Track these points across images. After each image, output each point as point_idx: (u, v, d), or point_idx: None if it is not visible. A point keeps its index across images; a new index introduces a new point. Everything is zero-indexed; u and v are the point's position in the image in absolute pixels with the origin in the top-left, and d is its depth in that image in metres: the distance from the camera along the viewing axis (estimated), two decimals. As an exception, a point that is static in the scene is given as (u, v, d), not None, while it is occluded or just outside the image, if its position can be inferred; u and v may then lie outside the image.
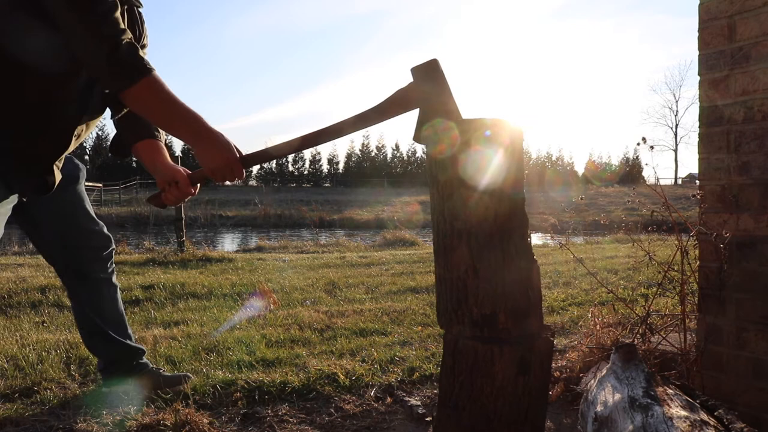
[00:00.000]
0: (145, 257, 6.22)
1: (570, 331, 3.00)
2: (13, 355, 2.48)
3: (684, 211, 2.88)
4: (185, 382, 2.12)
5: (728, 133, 1.74)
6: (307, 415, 1.96)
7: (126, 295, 3.99)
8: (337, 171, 55.55)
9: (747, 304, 1.71)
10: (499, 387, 1.19)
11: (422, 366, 2.38)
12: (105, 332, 2.05)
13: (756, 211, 1.68)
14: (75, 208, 1.98)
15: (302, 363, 2.41)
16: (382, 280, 4.78)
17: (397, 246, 9.62)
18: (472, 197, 1.20)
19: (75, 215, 1.98)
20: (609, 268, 5.13)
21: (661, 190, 1.96)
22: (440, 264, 1.27)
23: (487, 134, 1.21)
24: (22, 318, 3.33)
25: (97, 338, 2.06)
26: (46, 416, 1.88)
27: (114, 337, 2.05)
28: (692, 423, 1.23)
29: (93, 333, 2.06)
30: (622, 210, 18.19)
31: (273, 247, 9.89)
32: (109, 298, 2.08)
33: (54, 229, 1.94)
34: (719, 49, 1.76)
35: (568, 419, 1.92)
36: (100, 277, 2.05)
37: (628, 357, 1.61)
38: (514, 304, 1.20)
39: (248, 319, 3.27)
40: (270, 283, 4.44)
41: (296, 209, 23.78)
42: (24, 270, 5.11)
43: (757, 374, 1.69)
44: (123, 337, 2.09)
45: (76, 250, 2.00)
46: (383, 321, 3.22)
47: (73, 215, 1.98)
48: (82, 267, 2.02)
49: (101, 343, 2.06)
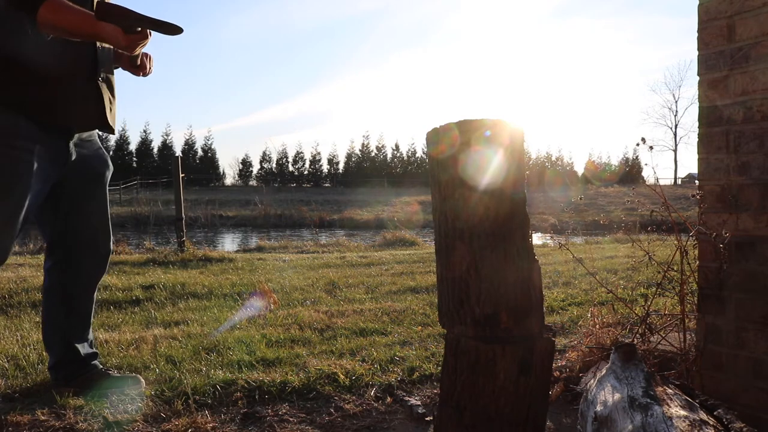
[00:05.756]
0: (146, 257, 6.22)
1: (570, 331, 3.00)
2: (14, 355, 2.49)
3: (683, 211, 2.89)
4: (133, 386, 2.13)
5: (728, 134, 1.75)
6: (307, 414, 1.96)
7: (126, 294, 3.99)
8: (337, 171, 55.54)
9: (746, 304, 1.71)
10: (501, 386, 1.19)
11: (422, 366, 2.38)
12: (64, 332, 2.10)
13: (755, 211, 1.68)
14: (99, 203, 2.13)
15: (302, 363, 2.41)
16: (382, 280, 4.78)
17: (397, 246, 9.62)
18: (472, 197, 1.20)
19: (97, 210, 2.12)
20: (608, 268, 5.13)
21: (661, 190, 1.97)
22: (442, 264, 1.28)
23: (488, 134, 1.21)
24: (23, 318, 3.33)
25: (57, 336, 2.11)
26: (46, 416, 1.88)
27: (70, 341, 2.11)
28: (692, 423, 1.24)
29: (56, 330, 2.11)
30: (622, 210, 18.20)
31: (273, 247, 9.88)
32: (86, 302, 2.15)
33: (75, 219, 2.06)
34: (719, 49, 1.76)
35: (568, 419, 1.92)
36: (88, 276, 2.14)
37: (627, 357, 1.61)
38: (516, 304, 1.21)
39: (248, 318, 3.27)
40: (270, 283, 4.44)
41: (296, 209, 23.78)
42: (24, 270, 5.11)
43: (756, 374, 1.70)
44: (80, 340, 2.14)
45: (82, 244, 2.09)
46: (383, 321, 3.22)
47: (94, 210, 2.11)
48: (79, 261, 2.09)
49: (59, 342, 2.11)
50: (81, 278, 2.11)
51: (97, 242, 2.13)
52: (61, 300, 2.09)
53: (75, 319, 2.12)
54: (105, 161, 2.16)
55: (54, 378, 2.12)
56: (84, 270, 2.11)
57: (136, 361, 2.43)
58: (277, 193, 35.81)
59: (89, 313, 2.17)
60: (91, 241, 2.11)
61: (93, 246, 2.12)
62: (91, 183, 2.10)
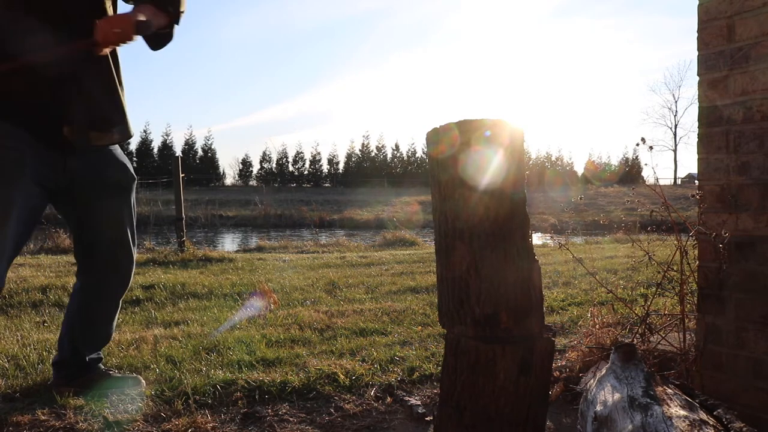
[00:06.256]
0: (146, 257, 6.22)
1: (569, 330, 3.01)
2: (14, 355, 2.49)
3: (683, 211, 2.89)
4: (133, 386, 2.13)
5: (727, 134, 1.75)
6: (307, 414, 1.96)
7: (126, 295, 3.96)
8: (337, 171, 55.51)
9: (746, 304, 1.71)
10: (501, 386, 1.19)
11: (422, 366, 2.38)
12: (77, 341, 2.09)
13: (755, 211, 1.68)
14: (126, 214, 2.04)
15: (302, 363, 2.42)
16: (382, 280, 4.78)
17: (397, 246, 9.62)
18: (472, 197, 1.21)
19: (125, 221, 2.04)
20: (608, 268, 5.13)
21: (661, 190, 1.97)
22: (442, 264, 1.28)
23: (488, 134, 1.21)
24: (23, 318, 3.33)
25: (69, 342, 2.10)
26: (46, 416, 1.88)
27: (81, 349, 2.10)
28: (691, 422, 1.24)
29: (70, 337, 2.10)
30: (622, 210, 18.20)
31: (273, 247, 9.88)
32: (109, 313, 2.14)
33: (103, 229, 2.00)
34: (718, 49, 1.76)
35: (568, 419, 1.92)
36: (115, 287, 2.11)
37: (627, 357, 1.62)
38: (516, 304, 1.21)
39: (248, 318, 3.27)
40: (270, 283, 4.44)
41: (296, 209, 23.78)
42: (25, 270, 5.11)
43: (756, 374, 1.70)
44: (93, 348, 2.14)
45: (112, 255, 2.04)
46: (383, 321, 3.22)
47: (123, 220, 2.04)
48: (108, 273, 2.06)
49: (69, 346, 2.11)
50: (101, 298, 2.09)
51: (116, 259, 2.04)
52: (81, 312, 2.09)
53: (90, 332, 2.12)
54: (121, 169, 2.02)
55: (55, 375, 2.12)
56: (104, 289, 2.08)
57: (137, 361, 2.43)
58: (277, 193, 35.79)
59: (107, 329, 2.15)
60: (109, 259, 2.03)
61: (112, 264, 2.04)
62: (100, 193, 1.96)
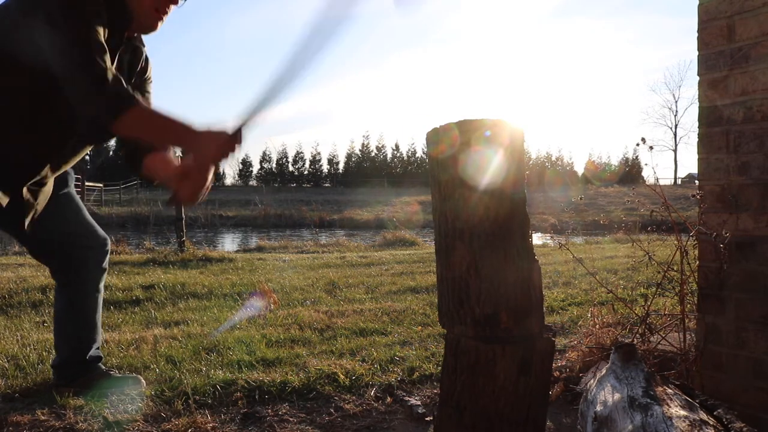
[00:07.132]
0: (146, 257, 6.23)
1: (570, 331, 3.01)
2: (14, 355, 2.49)
3: (683, 211, 2.89)
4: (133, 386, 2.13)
5: (728, 134, 1.75)
6: (307, 414, 1.96)
7: (126, 294, 3.99)
8: (337, 171, 55.53)
9: (746, 304, 1.71)
10: (501, 387, 1.19)
11: (422, 366, 2.38)
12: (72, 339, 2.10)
13: (755, 211, 1.68)
14: (67, 209, 2.04)
15: (302, 363, 2.41)
16: (382, 280, 4.78)
17: (397, 246, 9.63)
18: (472, 197, 1.20)
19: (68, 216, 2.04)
20: (608, 268, 5.14)
21: (661, 190, 1.97)
22: (442, 263, 1.28)
23: (488, 134, 1.21)
24: (23, 318, 3.33)
25: (64, 341, 2.11)
26: (46, 416, 1.88)
27: (77, 346, 2.10)
28: (691, 422, 1.24)
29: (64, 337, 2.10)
30: (622, 210, 18.19)
31: (273, 247, 9.89)
32: (91, 304, 2.13)
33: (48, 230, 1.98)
34: (719, 49, 1.76)
35: (568, 419, 1.92)
36: (90, 278, 2.11)
37: (627, 357, 1.61)
38: (516, 304, 1.21)
39: (248, 318, 3.27)
40: (270, 283, 4.44)
41: (296, 209, 23.78)
42: (24, 270, 5.11)
43: (756, 374, 1.70)
44: (88, 344, 2.13)
45: (71, 249, 2.05)
46: (383, 321, 3.22)
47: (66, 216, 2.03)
48: (76, 267, 2.07)
49: (65, 346, 2.11)
50: (81, 287, 2.09)
51: (85, 246, 2.06)
52: (67, 309, 2.09)
53: (81, 325, 2.11)
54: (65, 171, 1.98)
55: (56, 377, 2.12)
56: (80, 284, 2.09)
57: (136, 361, 2.43)
58: (277, 193, 35.81)
59: (95, 318, 2.15)
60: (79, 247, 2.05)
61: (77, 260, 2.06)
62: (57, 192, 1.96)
